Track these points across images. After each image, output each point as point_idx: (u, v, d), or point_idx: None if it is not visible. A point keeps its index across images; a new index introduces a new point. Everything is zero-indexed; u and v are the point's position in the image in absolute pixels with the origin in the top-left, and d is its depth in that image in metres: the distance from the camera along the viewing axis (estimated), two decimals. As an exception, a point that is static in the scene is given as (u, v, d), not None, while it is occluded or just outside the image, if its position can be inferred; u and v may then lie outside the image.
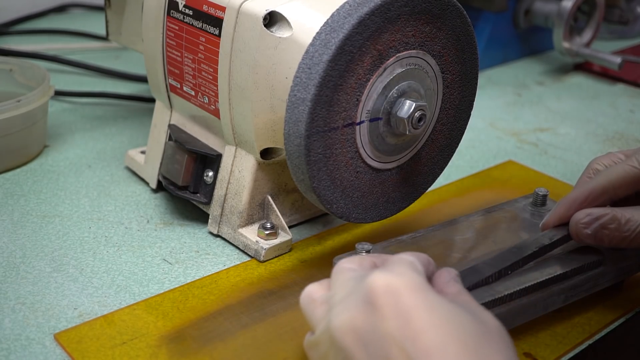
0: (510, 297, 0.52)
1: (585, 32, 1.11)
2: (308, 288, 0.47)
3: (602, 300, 0.58)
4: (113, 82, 0.98)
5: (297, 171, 0.54)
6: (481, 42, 1.09)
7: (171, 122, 0.69)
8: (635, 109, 0.99)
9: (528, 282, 0.52)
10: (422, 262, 0.45)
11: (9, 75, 0.82)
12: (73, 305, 0.56)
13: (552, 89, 1.06)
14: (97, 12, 1.30)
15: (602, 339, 0.55)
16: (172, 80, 0.66)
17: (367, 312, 0.40)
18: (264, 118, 0.58)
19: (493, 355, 0.39)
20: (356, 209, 0.58)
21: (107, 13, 0.81)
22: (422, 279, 0.42)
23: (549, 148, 0.86)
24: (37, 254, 0.62)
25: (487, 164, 0.81)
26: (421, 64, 0.56)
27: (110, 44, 1.04)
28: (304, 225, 0.67)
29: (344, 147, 0.54)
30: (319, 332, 0.43)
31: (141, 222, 0.67)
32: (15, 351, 0.51)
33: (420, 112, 0.55)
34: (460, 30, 0.58)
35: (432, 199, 0.72)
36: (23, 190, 0.71)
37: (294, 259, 0.62)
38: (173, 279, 0.59)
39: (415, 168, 0.61)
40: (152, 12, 0.66)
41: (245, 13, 0.57)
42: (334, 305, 0.43)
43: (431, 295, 0.41)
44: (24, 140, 0.75)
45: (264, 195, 0.63)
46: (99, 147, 0.81)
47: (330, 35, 0.50)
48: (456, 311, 0.41)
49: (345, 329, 0.41)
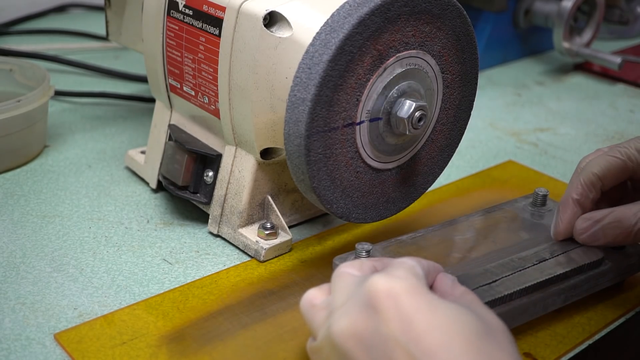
0: (510, 297, 0.52)
1: (585, 32, 1.11)
2: (308, 293, 0.47)
3: (602, 300, 0.58)
4: (113, 82, 0.98)
5: (297, 171, 0.54)
6: (481, 42, 1.09)
7: (171, 122, 0.69)
8: (635, 109, 0.99)
9: (529, 282, 0.52)
10: (422, 266, 0.45)
11: (9, 75, 0.82)
12: (73, 305, 0.56)
13: (552, 89, 1.06)
14: (97, 12, 1.30)
15: (602, 339, 0.55)
16: (172, 80, 0.66)
17: (368, 316, 0.41)
18: (264, 118, 0.58)
19: (497, 353, 0.40)
20: (356, 209, 0.58)
21: (107, 13, 0.81)
22: (422, 283, 0.43)
23: (548, 148, 0.86)
24: (37, 254, 0.62)
25: (487, 164, 0.81)
26: (421, 64, 0.56)
27: (110, 44, 1.04)
28: (304, 225, 0.67)
29: (344, 147, 0.54)
30: (320, 337, 0.43)
31: (141, 222, 0.67)
32: (15, 351, 0.51)
33: (420, 112, 0.55)
34: (460, 30, 0.58)
35: (432, 199, 0.72)
36: (23, 190, 0.71)
37: (294, 259, 0.62)
38: (173, 279, 0.59)
39: (415, 168, 0.61)
40: (152, 12, 0.66)
41: (245, 13, 0.57)
42: (334, 310, 0.43)
43: (432, 297, 0.41)
44: (24, 140, 0.75)
45: (264, 195, 0.63)
46: (99, 147, 0.81)
47: (330, 35, 0.50)
48: (458, 310, 0.41)
49: (346, 333, 0.41)
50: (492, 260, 0.55)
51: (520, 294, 0.52)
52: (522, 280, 0.53)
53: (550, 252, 0.56)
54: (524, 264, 0.54)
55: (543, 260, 0.55)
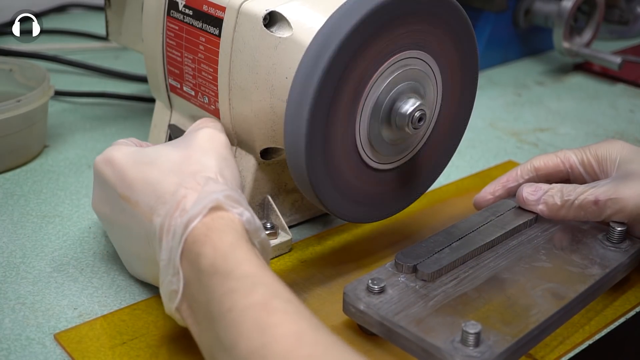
0: (463, 259, 0.56)
1: (585, 32, 1.11)
2: None
3: (602, 300, 0.58)
4: (113, 82, 0.98)
5: (297, 171, 0.54)
6: (481, 42, 1.09)
7: (171, 122, 0.69)
8: (635, 109, 0.99)
9: (475, 246, 0.57)
10: (133, 141, 0.59)
11: (9, 75, 0.82)
12: (73, 305, 0.56)
13: (552, 89, 1.06)
14: (97, 12, 1.30)
15: (602, 339, 0.55)
16: (172, 80, 0.66)
17: (100, 181, 0.56)
18: (264, 118, 0.58)
19: None
20: (356, 209, 0.58)
21: (107, 13, 0.81)
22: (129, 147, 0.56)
23: (549, 148, 0.86)
24: (37, 254, 0.62)
25: (487, 164, 0.81)
26: (421, 64, 0.56)
27: (110, 44, 1.04)
28: (304, 225, 0.67)
29: (343, 147, 0.54)
30: None
31: (141, 222, 0.67)
32: (15, 351, 0.51)
33: (420, 112, 0.55)
34: (460, 30, 0.58)
35: (432, 199, 0.72)
36: (23, 190, 0.71)
37: (294, 259, 0.62)
38: (173, 279, 0.59)
39: (415, 168, 0.61)
40: (152, 12, 0.66)
41: (245, 13, 0.57)
42: None
43: (134, 151, 0.55)
44: (24, 140, 0.75)
45: (264, 195, 0.63)
46: (99, 147, 0.81)
47: (331, 35, 0.50)
48: (156, 150, 0.54)
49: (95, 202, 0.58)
50: None
51: (470, 256, 0.57)
52: (470, 246, 0.57)
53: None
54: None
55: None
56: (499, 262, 0.57)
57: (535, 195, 0.61)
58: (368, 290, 0.52)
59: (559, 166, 0.64)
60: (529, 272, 0.56)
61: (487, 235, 0.59)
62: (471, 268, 0.56)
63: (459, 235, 0.58)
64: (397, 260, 0.54)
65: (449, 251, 0.56)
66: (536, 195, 0.61)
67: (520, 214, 0.62)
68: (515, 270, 0.56)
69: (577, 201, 0.59)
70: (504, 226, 0.60)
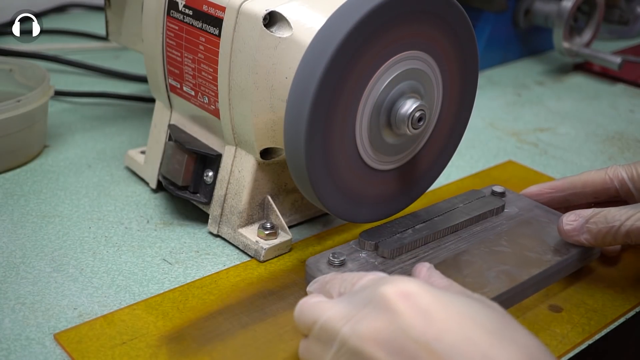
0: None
1: (585, 32, 1.11)
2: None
3: (602, 300, 0.58)
4: (113, 82, 0.99)
5: (296, 171, 0.54)
6: (481, 42, 1.09)
7: (171, 122, 0.69)
8: (635, 109, 0.99)
9: (437, 228, 0.58)
10: None
11: (9, 75, 0.82)
12: (73, 305, 0.56)
13: (552, 89, 1.06)
14: (97, 12, 1.30)
15: (602, 339, 0.55)
16: (172, 80, 0.66)
17: (387, 318, 0.41)
18: (264, 118, 0.58)
19: (515, 334, 0.40)
20: (356, 209, 0.58)
21: (107, 13, 0.81)
22: (425, 282, 0.44)
23: (548, 148, 0.86)
24: (37, 254, 0.62)
25: (487, 164, 0.81)
26: (421, 64, 0.56)
27: (110, 44, 1.04)
28: (304, 225, 0.67)
29: (343, 147, 0.54)
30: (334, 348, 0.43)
31: (141, 222, 0.67)
32: (15, 351, 0.51)
33: (420, 112, 0.55)
34: (460, 30, 0.58)
35: (432, 199, 0.72)
36: (23, 190, 0.71)
37: (294, 259, 0.62)
38: (173, 279, 0.59)
39: (415, 168, 0.61)
40: (152, 12, 0.66)
41: (245, 13, 0.57)
42: (348, 320, 0.43)
43: (439, 292, 0.42)
44: (24, 140, 0.75)
45: (263, 195, 0.63)
46: (99, 147, 0.81)
47: (331, 35, 0.50)
48: (464, 302, 0.42)
49: (367, 337, 0.41)
50: None
51: (431, 238, 0.58)
52: (433, 229, 0.59)
53: None
54: None
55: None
56: (460, 245, 0.59)
57: (575, 224, 0.58)
58: (329, 263, 0.55)
59: (607, 183, 0.62)
60: (487, 255, 0.58)
61: (451, 220, 0.60)
62: (432, 249, 0.58)
63: (425, 218, 0.60)
64: (361, 237, 0.57)
65: (411, 232, 0.58)
66: (577, 224, 0.58)
67: (488, 202, 0.63)
68: (474, 253, 0.58)
69: (624, 227, 0.55)
70: (470, 212, 0.62)
